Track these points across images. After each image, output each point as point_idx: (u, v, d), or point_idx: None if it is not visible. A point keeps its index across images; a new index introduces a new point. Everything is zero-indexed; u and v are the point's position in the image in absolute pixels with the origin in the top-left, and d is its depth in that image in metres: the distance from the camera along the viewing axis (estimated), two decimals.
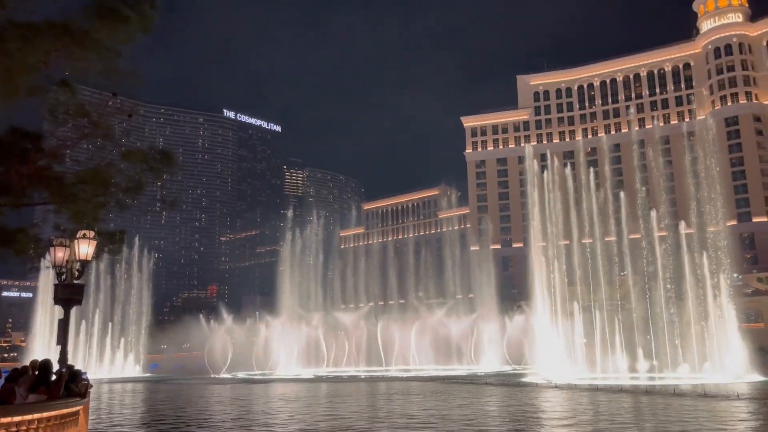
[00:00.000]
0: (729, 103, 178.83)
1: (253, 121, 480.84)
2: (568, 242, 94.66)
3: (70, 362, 19.33)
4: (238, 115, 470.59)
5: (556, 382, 71.05)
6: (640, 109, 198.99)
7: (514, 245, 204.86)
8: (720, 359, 76.94)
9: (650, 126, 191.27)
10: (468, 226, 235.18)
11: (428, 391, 64.57)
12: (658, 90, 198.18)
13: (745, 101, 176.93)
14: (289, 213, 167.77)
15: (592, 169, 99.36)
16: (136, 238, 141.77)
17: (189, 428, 38.46)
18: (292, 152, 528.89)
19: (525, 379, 78.69)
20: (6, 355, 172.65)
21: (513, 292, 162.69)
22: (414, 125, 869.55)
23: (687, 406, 45.41)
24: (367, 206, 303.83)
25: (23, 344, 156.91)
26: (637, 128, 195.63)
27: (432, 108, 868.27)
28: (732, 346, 76.51)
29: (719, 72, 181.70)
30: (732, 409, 42.74)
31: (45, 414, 15.10)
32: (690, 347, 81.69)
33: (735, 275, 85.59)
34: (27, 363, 19.47)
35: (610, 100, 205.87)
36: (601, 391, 60.12)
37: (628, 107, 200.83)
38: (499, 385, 71.71)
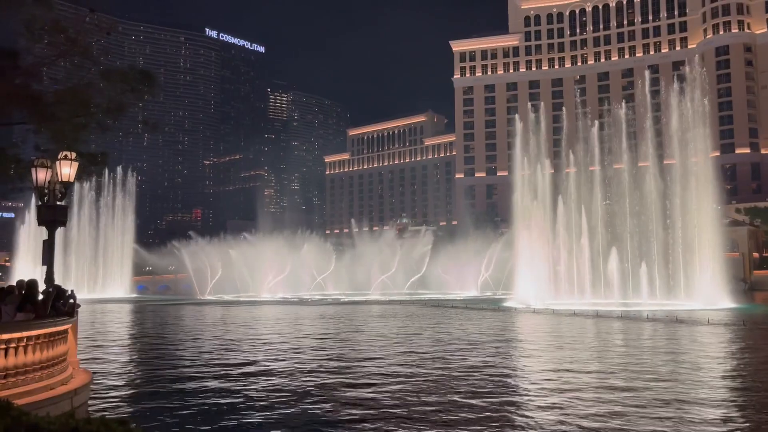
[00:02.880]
0: (721, 32, 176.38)
1: (236, 41, 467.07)
2: (552, 171, 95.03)
3: (56, 282, 19.44)
4: (221, 34, 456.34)
5: (535, 307, 73.09)
6: (631, 36, 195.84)
7: (499, 173, 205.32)
8: (694, 287, 79.37)
9: (640, 55, 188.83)
10: (454, 153, 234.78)
11: (406, 314, 66.20)
12: (651, 17, 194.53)
13: (737, 30, 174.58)
14: (274, 137, 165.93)
15: (578, 98, 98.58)
16: (120, 160, 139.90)
17: (169, 346, 39.35)
18: (276, 74, 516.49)
19: (505, 304, 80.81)
20: None
21: (496, 219, 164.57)
22: (401, 49, 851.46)
23: (657, 330, 47.14)
24: (352, 132, 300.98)
25: (8, 263, 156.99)
26: (627, 56, 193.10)
27: (420, 31, 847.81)
28: (706, 275, 78.71)
29: None
30: (699, 333, 44.48)
31: (34, 332, 15.33)
32: (668, 276, 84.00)
33: (714, 206, 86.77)
34: (12, 283, 19.58)
35: (601, 26, 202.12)
36: (578, 316, 62.00)
37: (619, 34, 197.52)
38: (478, 310, 73.64)
